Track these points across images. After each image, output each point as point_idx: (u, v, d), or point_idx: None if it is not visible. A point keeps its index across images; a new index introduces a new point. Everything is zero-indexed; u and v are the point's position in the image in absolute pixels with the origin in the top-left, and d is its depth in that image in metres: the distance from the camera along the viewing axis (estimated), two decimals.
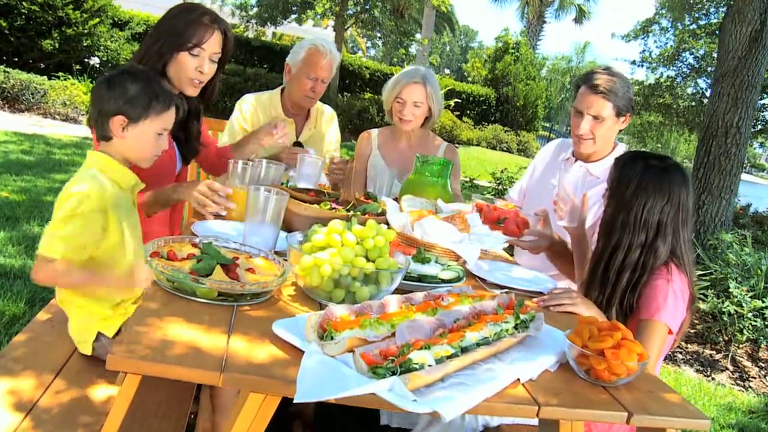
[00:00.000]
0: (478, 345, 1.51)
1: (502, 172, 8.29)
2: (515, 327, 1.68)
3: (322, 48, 3.44)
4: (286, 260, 1.84)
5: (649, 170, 2.21)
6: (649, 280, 2.17)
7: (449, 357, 1.40)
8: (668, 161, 2.27)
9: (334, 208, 2.41)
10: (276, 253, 2.07)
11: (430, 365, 1.33)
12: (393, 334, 1.44)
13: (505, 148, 21.93)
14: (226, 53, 2.66)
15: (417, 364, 1.32)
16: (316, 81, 3.47)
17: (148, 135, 2.17)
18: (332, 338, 1.38)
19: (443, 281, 2.03)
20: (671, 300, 2.13)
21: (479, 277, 2.33)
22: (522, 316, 1.73)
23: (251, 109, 3.57)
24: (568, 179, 2.48)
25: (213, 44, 2.56)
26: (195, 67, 2.55)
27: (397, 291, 1.82)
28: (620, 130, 2.96)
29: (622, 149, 2.99)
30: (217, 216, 2.29)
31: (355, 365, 1.32)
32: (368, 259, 1.77)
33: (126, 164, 2.21)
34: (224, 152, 3.08)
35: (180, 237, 1.84)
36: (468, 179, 8.59)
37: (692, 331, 5.59)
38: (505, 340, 1.58)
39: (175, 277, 1.56)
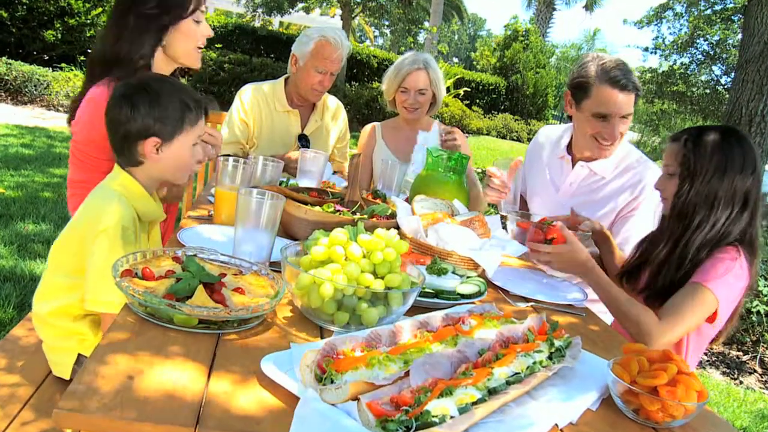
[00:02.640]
0: (507, 383, 1.26)
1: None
2: (549, 356, 1.43)
3: (333, 40, 3.20)
4: (279, 272, 1.59)
5: (729, 142, 2.04)
6: (714, 252, 2.00)
7: (475, 403, 1.14)
8: (738, 131, 2.11)
9: (338, 211, 2.16)
10: (272, 263, 1.83)
11: (452, 416, 1.08)
12: (407, 374, 1.19)
13: (515, 138, 21.58)
14: None
15: (436, 416, 1.07)
16: (326, 74, 3.26)
17: (185, 149, 2.00)
18: (333, 381, 1.13)
19: (463, 297, 1.78)
20: (732, 277, 1.95)
21: (501, 288, 2.08)
22: (556, 342, 1.48)
23: (251, 100, 3.33)
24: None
25: (204, 3, 2.40)
26: (201, 33, 2.38)
27: (411, 308, 1.58)
28: None
29: (625, 140, 2.71)
30: (206, 220, 2.06)
31: (360, 417, 1.07)
32: (376, 275, 1.52)
33: (153, 190, 2.03)
34: None
35: (161, 249, 1.59)
36: (480, 170, 8.30)
37: None
38: (539, 375, 1.33)
39: (147, 302, 1.32)
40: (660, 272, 2.08)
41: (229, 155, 2.34)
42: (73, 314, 1.93)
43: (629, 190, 2.60)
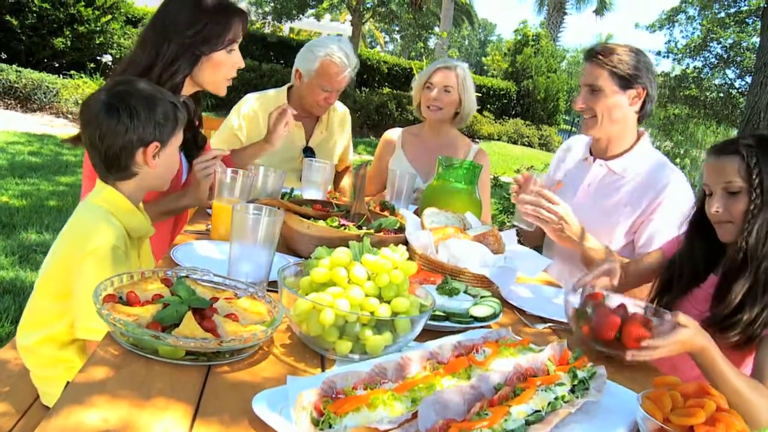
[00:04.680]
0: (527, 423, 1.13)
1: (528, 169, 7.86)
2: (572, 390, 1.30)
3: (339, 60, 3.07)
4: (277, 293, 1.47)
5: None
6: None
7: None
8: None
9: (343, 225, 2.04)
10: (272, 283, 1.70)
11: None
12: (415, 415, 1.06)
13: (526, 143, 21.41)
14: None
15: None
16: (332, 92, 3.13)
17: (174, 153, 1.92)
18: (331, 426, 1.01)
19: (476, 319, 1.65)
20: None
21: (517, 308, 1.95)
22: (579, 373, 1.35)
23: (250, 114, 3.22)
24: None
25: (241, 34, 2.34)
26: (233, 65, 2.32)
27: (420, 333, 1.45)
28: (639, 116, 2.55)
29: (647, 141, 2.59)
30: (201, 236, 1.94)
31: None
32: (382, 300, 1.40)
33: (139, 203, 1.92)
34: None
35: (149, 270, 1.47)
36: (492, 176, 8.15)
37: None
38: (560, 412, 1.20)
39: (130, 332, 1.20)
40: (742, 306, 1.80)
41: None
42: (60, 341, 1.82)
43: (652, 191, 2.47)
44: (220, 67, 2.30)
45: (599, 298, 1.70)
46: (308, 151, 3.24)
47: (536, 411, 1.17)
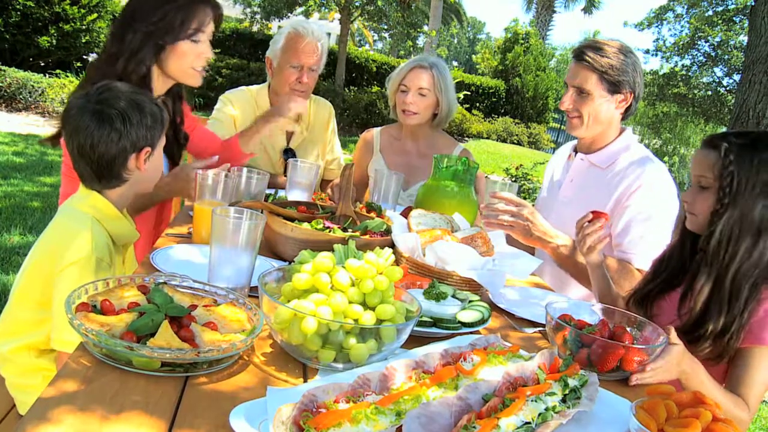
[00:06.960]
0: None
1: (517, 168, 7.83)
2: (563, 399, 1.25)
3: (303, 29, 2.99)
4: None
5: None
6: (761, 300, 1.70)
7: None
8: None
9: (328, 227, 1.99)
10: (252, 289, 1.65)
11: None
12: (399, 429, 1.02)
13: (515, 141, 21.42)
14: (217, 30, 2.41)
15: None
16: (302, 70, 3.01)
17: (160, 155, 1.90)
18: None
19: (464, 325, 1.61)
20: None
21: (506, 312, 1.90)
22: (570, 382, 1.30)
23: (240, 102, 3.14)
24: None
25: (211, 25, 2.31)
26: (198, 54, 2.28)
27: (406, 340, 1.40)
28: (624, 115, 2.53)
29: (629, 136, 2.56)
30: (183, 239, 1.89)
31: None
32: (366, 306, 1.35)
33: (124, 208, 1.88)
34: (231, 144, 2.71)
35: (126, 277, 1.42)
36: (484, 176, 8.12)
37: None
38: (551, 423, 1.15)
39: (102, 343, 1.15)
40: (707, 315, 1.72)
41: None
42: (38, 349, 1.76)
43: (627, 179, 2.43)
44: (185, 57, 2.27)
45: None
46: (288, 153, 3.16)
47: (526, 423, 1.13)
